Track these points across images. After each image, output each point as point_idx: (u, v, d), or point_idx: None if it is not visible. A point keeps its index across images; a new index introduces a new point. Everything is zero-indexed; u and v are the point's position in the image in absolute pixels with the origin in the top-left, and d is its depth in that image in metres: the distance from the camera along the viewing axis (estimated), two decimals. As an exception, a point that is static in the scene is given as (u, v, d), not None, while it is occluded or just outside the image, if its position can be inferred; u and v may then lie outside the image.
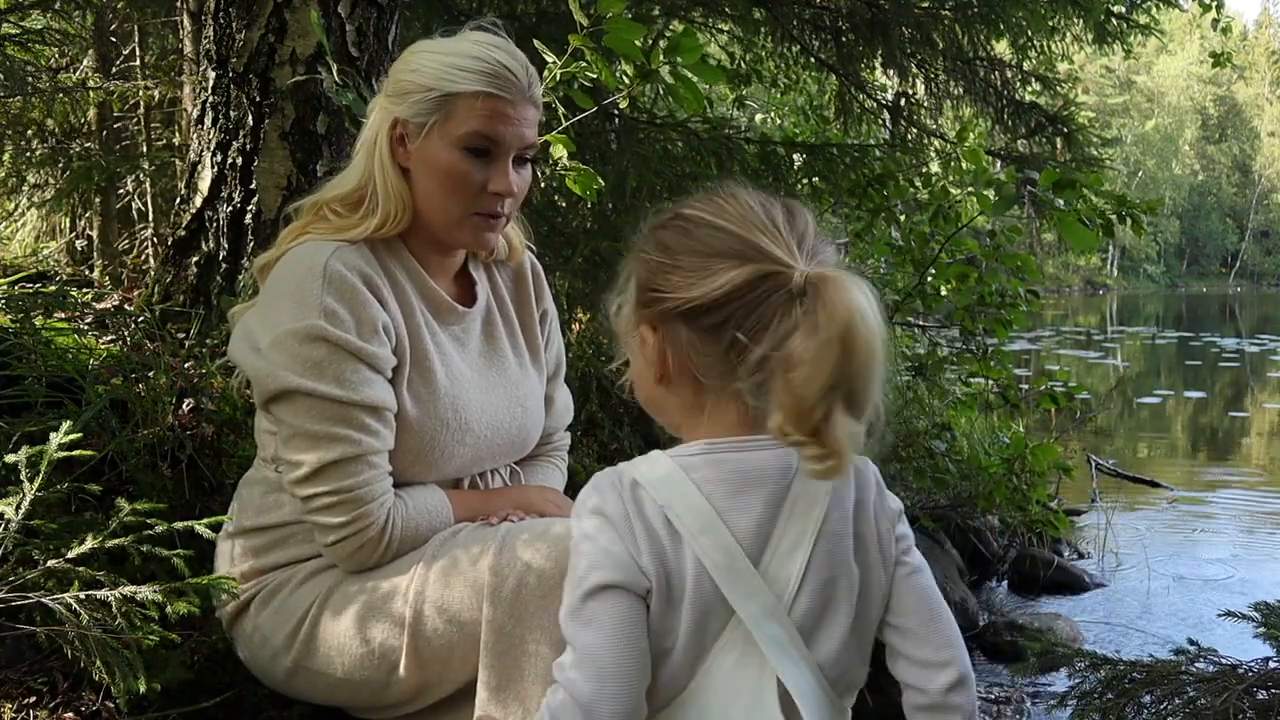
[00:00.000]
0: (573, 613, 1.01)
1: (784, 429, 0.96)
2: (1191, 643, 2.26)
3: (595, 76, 2.23)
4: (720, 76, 2.68)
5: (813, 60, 5.25)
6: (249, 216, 2.46)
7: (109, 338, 2.47)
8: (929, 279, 4.18)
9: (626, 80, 2.28)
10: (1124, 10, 5.49)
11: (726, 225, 1.01)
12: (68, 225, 4.29)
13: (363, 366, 1.42)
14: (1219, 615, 2.45)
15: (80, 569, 1.41)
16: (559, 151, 2.29)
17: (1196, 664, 2.12)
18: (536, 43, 2.22)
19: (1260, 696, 1.95)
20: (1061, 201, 3.45)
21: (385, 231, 1.51)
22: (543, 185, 2.86)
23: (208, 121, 2.52)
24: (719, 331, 1.00)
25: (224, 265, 2.47)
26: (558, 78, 2.23)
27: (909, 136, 5.35)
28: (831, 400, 0.93)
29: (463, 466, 1.57)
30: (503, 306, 1.69)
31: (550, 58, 2.22)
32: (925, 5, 4.84)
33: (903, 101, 5.35)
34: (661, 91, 3.85)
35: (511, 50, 1.49)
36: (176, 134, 4.00)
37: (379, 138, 1.51)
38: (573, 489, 1.84)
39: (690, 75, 2.21)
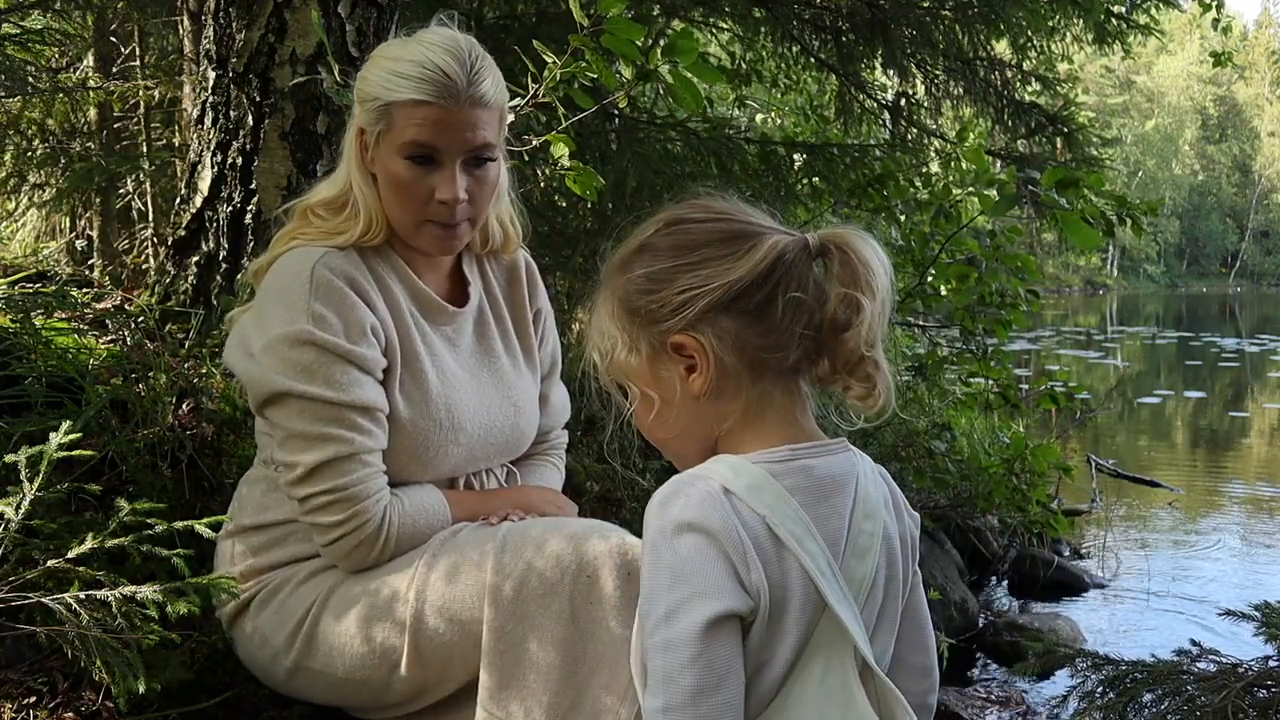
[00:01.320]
0: (674, 646, 0.92)
1: (832, 377, 1.01)
2: (1193, 643, 2.26)
3: (595, 76, 2.23)
4: (720, 77, 2.68)
5: (813, 60, 5.25)
6: (249, 216, 2.46)
7: (109, 338, 2.47)
8: (929, 279, 4.18)
9: (625, 80, 2.28)
10: (1124, 10, 5.49)
11: (726, 214, 1.03)
12: (68, 225, 4.29)
13: (352, 368, 1.43)
14: (1219, 614, 2.46)
15: (80, 569, 1.41)
16: (559, 151, 2.29)
17: (1198, 664, 2.13)
18: (536, 43, 2.22)
19: (1260, 694, 1.95)
20: (1065, 200, 3.44)
21: (370, 238, 1.53)
22: (543, 185, 2.87)
23: (208, 121, 2.52)
24: (771, 302, 0.99)
25: (224, 265, 2.47)
26: (558, 78, 2.22)
27: (909, 136, 5.35)
28: (876, 344, 0.99)
29: (457, 466, 1.57)
30: (495, 305, 1.69)
31: (550, 58, 2.22)
32: (925, 5, 4.84)
33: (903, 101, 5.35)
34: (661, 91, 3.85)
35: (456, 50, 1.45)
36: (176, 134, 3.99)
37: (352, 144, 1.53)
38: (572, 488, 1.85)
39: (690, 75, 2.21)
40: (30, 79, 3.60)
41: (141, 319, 2.46)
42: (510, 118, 2.16)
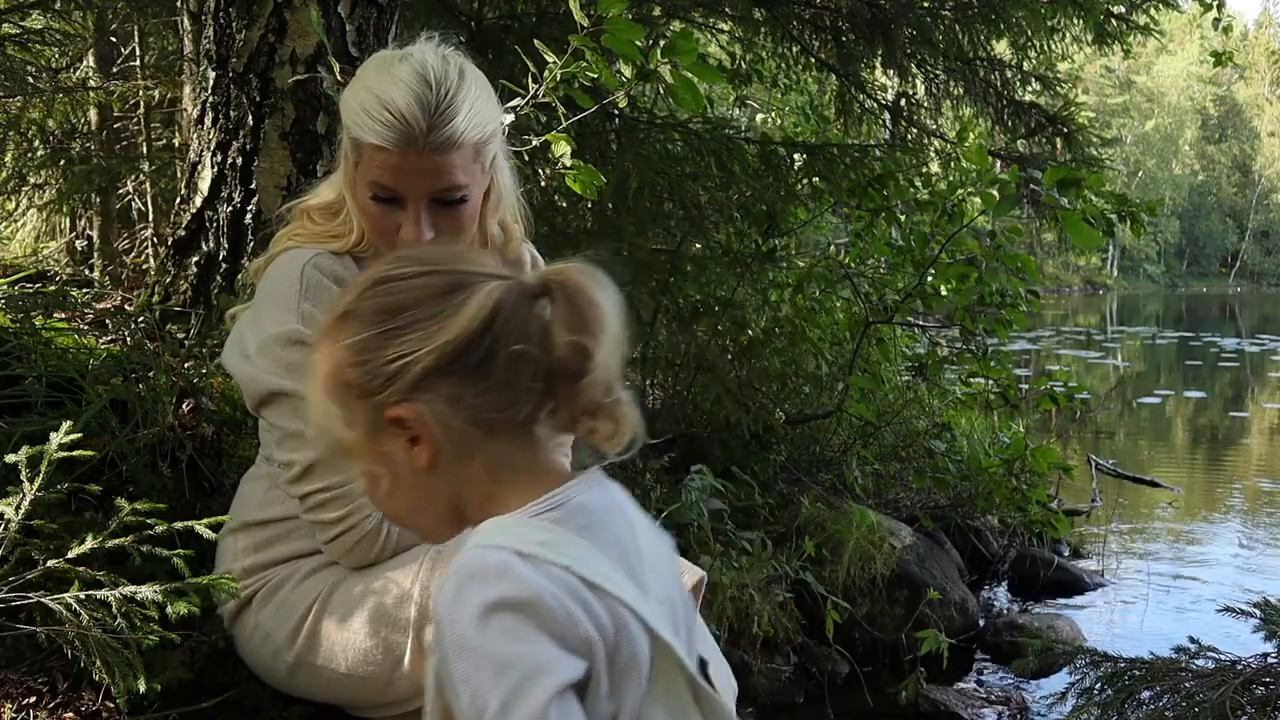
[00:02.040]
0: None
1: (573, 424, 0.94)
2: (1192, 640, 2.26)
3: (595, 76, 2.23)
4: (720, 77, 2.68)
5: (813, 60, 5.25)
6: (249, 216, 2.46)
7: (109, 338, 2.47)
8: (929, 279, 4.18)
9: (626, 80, 2.28)
10: (1124, 10, 5.49)
11: (435, 266, 0.94)
12: (68, 225, 4.29)
13: None
14: (1218, 611, 2.46)
15: (80, 569, 1.41)
16: (560, 150, 2.29)
17: (1197, 661, 2.13)
18: (537, 43, 2.22)
19: (1258, 691, 1.96)
20: (1066, 200, 3.44)
21: (363, 250, 1.53)
22: (543, 185, 2.87)
23: (208, 121, 2.52)
24: (491, 359, 0.90)
25: (224, 265, 2.47)
26: (558, 78, 2.22)
27: (909, 136, 5.34)
28: (615, 385, 0.93)
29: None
30: None
31: (550, 58, 2.22)
32: (925, 5, 4.84)
33: (903, 101, 5.35)
34: (662, 91, 3.85)
35: (423, 91, 1.38)
36: (176, 134, 3.99)
37: (341, 157, 1.52)
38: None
39: (690, 75, 2.21)
40: (30, 79, 3.60)
41: (141, 319, 2.46)
42: (510, 118, 2.17)
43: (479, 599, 0.84)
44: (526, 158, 2.50)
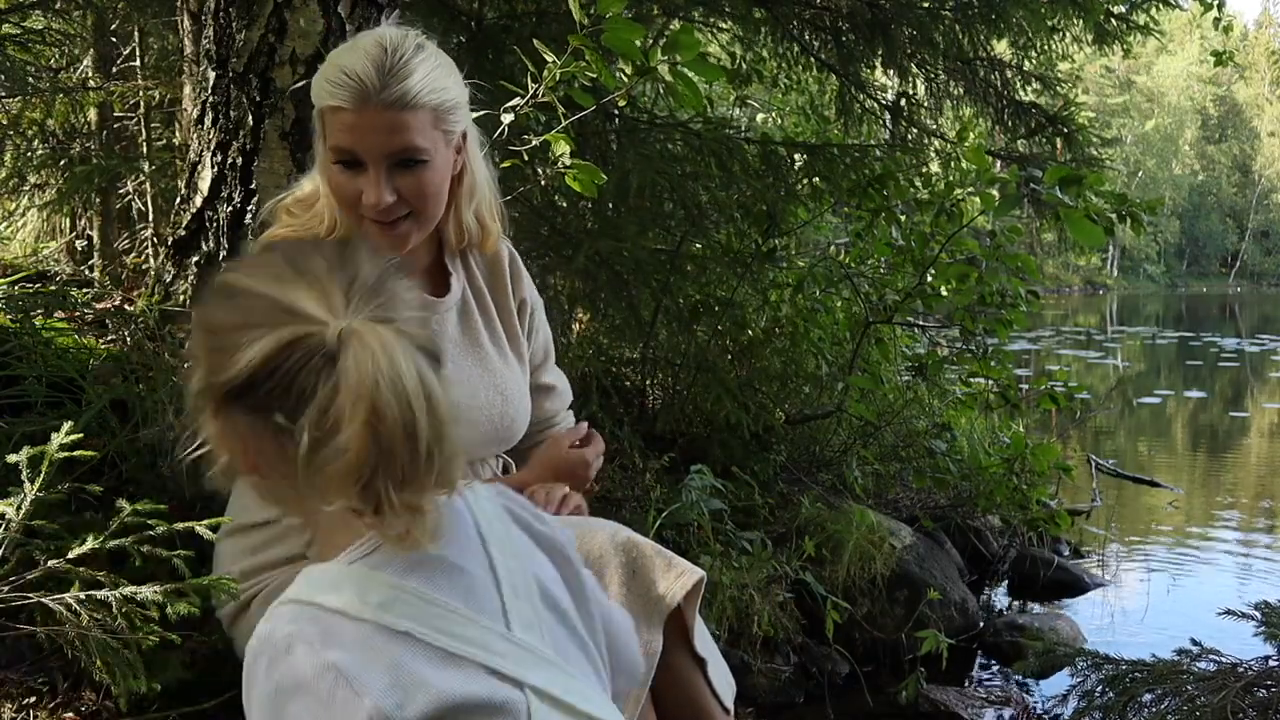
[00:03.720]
0: None
1: (349, 508, 0.85)
2: (1194, 643, 2.26)
3: (595, 76, 2.22)
4: (720, 74, 2.67)
5: (813, 60, 5.25)
6: (249, 216, 2.46)
7: (109, 338, 2.47)
8: (929, 279, 4.18)
9: (626, 79, 2.27)
10: (1124, 10, 5.49)
11: (259, 288, 0.87)
12: (68, 225, 4.29)
13: None
14: (1219, 614, 2.46)
15: (80, 569, 1.41)
16: (560, 149, 2.29)
17: (1198, 663, 2.13)
18: (537, 42, 2.22)
19: (1260, 694, 1.96)
20: (1068, 197, 3.44)
21: (337, 235, 1.53)
22: (543, 185, 2.87)
23: (208, 121, 2.52)
24: (264, 415, 0.84)
25: (224, 265, 2.47)
26: (557, 77, 2.22)
27: (909, 136, 5.34)
28: (380, 475, 0.83)
29: (445, 455, 1.58)
30: (480, 297, 1.71)
31: (550, 57, 2.22)
32: (925, 5, 4.84)
33: (903, 101, 5.34)
34: (662, 91, 3.85)
35: (378, 52, 1.41)
36: (176, 134, 3.99)
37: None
38: (573, 489, 1.84)
39: (690, 74, 2.20)
40: (30, 79, 3.60)
41: (141, 319, 2.46)
42: (509, 118, 2.17)
43: (265, 686, 0.82)
44: (526, 158, 2.50)
